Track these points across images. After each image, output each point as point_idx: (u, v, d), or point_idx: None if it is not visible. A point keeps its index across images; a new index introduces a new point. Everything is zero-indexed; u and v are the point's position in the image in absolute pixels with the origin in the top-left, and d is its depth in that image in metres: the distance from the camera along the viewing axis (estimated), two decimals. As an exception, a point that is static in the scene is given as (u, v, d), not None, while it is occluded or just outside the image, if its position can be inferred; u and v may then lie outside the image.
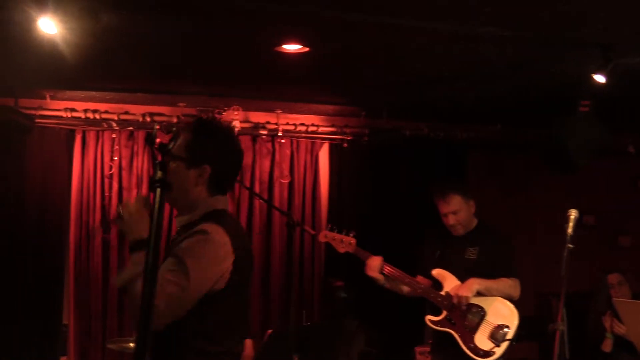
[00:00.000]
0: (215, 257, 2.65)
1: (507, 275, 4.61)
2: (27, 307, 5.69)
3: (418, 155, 6.46)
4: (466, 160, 6.73)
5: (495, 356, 4.43)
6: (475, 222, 4.78)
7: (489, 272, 4.59)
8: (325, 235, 4.92)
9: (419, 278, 4.79)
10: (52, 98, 5.87)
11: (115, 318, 5.90)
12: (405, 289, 4.77)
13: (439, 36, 4.40)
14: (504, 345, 4.44)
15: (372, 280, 4.68)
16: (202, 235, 2.64)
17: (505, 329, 4.48)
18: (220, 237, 2.66)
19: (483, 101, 5.90)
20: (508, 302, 4.57)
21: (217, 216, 2.74)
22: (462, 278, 4.57)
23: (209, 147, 2.76)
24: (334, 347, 5.12)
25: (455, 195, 4.68)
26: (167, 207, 2.85)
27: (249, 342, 5.31)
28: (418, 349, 5.83)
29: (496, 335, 4.48)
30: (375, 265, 4.66)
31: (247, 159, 6.23)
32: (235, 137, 2.96)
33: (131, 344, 4.77)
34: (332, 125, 6.33)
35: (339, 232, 4.85)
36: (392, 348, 5.83)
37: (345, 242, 4.82)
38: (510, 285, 4.61)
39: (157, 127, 2.12)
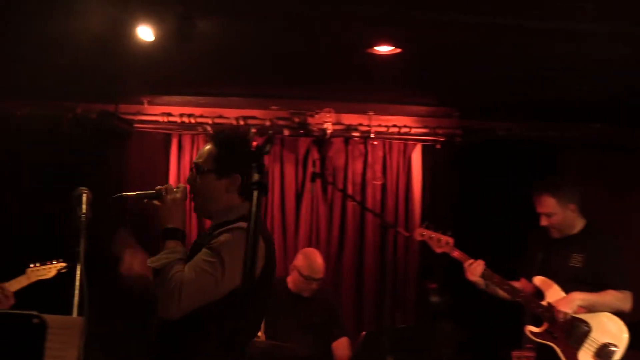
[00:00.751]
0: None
1: (616, 287, 4.38)
2: (130, 305, 5.84)
3: (513, 155, 6.32)
4: (562, 160, 6.55)
5: None
6: (579, 225, 4.58)
7: (595, 282, 4.35)
8: (422, 234, 4.83)
9: (522, 281, 4.66)
10: (150, 103, 6.03)
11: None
12: (504, 294, 4.64)
13: (538, 34, 4.29)
14: None
15: (471, 284, 4.59)
16: (241, 233, 2.68)
17: (613, 348, 4.25)
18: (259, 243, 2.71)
19: (581, 100, 5.73)
20: (617, 318, 4.32)
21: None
22: (566, 288, 4.38)
23: (235, 158, 2.90)
24: (428, 350, 5.07)
25: (548, 197, 4.51)
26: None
27: (344, 341, 5.32)
28: (515, 353, 5.70)
29: (602, 355, 4.25)
30: (477, 269, 4.55)
31: (340, 161, 6.25)
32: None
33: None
34: (425, 127, 6.27)
35: (436, 230, 4.77)
36: (488, 352, 5.72)
37: (443, 242, 4.73)
38: (619, 298, 4.35)
39: (254, 130, 2.15)
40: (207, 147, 3.01)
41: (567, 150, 6.51)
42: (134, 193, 3.00)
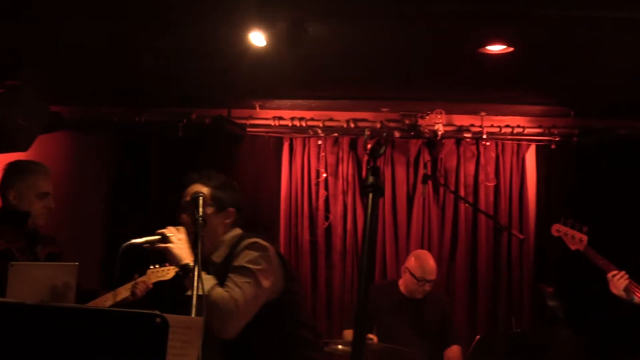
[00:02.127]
0: (275, 266, 3.13)
1: None
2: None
3: (635, 155, 6.06)
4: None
5: None
6: None
7: None
8: (558, 230, 4.75)
9: None
10: (261, 108, 6.13)
11: (325, 320, 6.03)
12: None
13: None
14: None
15: (615, 297, 4.44)
16: (262, 251, 3.11)
17: None
18: (271, 250, 3.17)
19: None
20: None
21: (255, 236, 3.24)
22: None
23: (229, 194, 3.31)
24: (544, 356, 4.94)
25: None
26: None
27: (456, 349, 5.26)
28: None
29: None
30: (620, 283, 4.40)
31: (452, 163, 6.18)
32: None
33: (340, 346, 4.87)
34: (539, 127, 6.12)
35: (572, 227, 4.66)
36: (609, 360, 5.51)
37: (577, 239, 4.62)
38: None
39: (368, 132, 2.14)
40: (193, 187, 3.27)
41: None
42: (142, 240, 3.21)
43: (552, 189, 6.19)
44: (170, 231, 3.12)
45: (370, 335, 4.73)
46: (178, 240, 3.09)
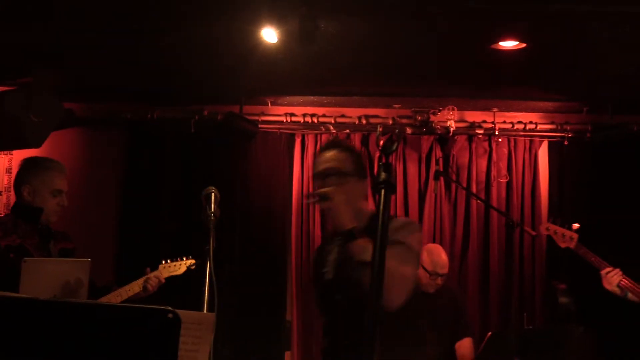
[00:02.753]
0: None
1: None
2: (254, 302, 5.98)
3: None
4: None
5: None
6: None
7: None
8: (547, 228, 4.79)
9: None
10: (273, 104, 6.13)
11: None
12: None
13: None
14: None
15: (610, 293, 4.46)
16: (420, 233, 3.04)
17: None
18: None
19: None
20: None
21: None
22: None
23: (364, 162, 3.28)
24: (557, 354, 4.92)
25: None
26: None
27: (468, 341, 5.25)
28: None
29: None
30: (614, 279, 4.43)
31: (464, 159, 6.16)
32: None
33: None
34: (552, 123, 6.10)
35: (562, 225, 4.69)
36: (620, 358, 5.48)
37: (567, 237, 4.65)
38: None
39: (380, 128, 2.14)
40: (332, 152, 3.11)
41: None
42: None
43: (564, 185, 6.16)
44: (333, 191, 2.93)
45: None
46: (340, 202, 2.89)
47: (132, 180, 6.14)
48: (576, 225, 4.70)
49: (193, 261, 4.48)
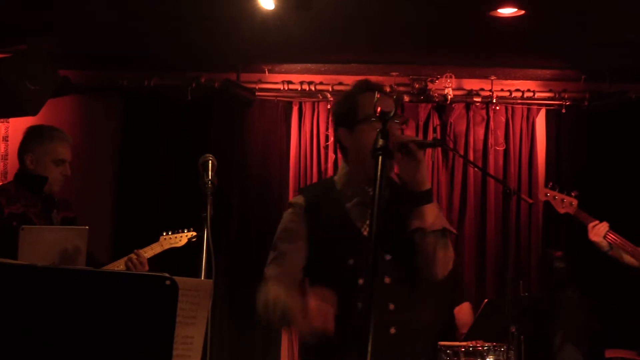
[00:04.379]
0: None
1: None
2: (252, 271, 5.98)
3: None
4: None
5: None
6: None
7: None
8: (546, 194, 4.79)
9: None
10: (271, 72, 6.11)
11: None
12: (630, 259, 4.52)
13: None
14: None
15: (594, 247, 4.49)
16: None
17: None
18: None
19: None
20: None
21: None
22: None
23: None
24: (553, 320, 4.96)
25: None
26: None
27: (466, 306, 5.28)
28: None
29: None
30: (600, 230, 4.46)
31: (461, 127, 6.15)
32: None
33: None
34: (549, 91, 6.08)
35: (560, 191, 4.70)
36: (619, 323, 5.52)
37: (566, 203, 4.66)
38: None
39: (378, 95, 2.13)
40: (390, 100, 2.78)
41: None
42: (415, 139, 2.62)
43: (561, 153, 6.17)
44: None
45: None
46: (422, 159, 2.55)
47: (128, 147, 6.13)
48: (575, 192, 4.71)
49: (194, 233, 4.47)
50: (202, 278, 2.74)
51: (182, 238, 4.45)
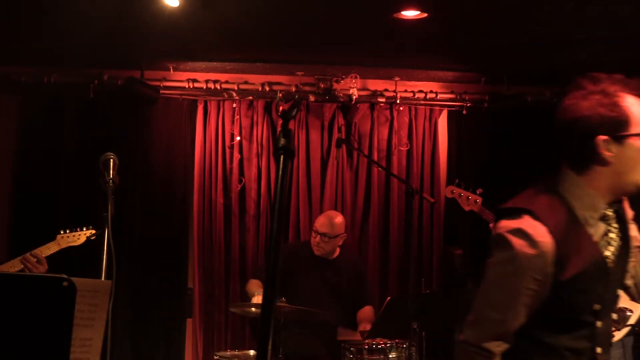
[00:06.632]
0: None
1: None
2: (155, 270, 5.92)
3: (541, 122, 6.21)
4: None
5: (614, 339, 4.19)
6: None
7: None
8: (452, 191, 4.90)
9: None
10: (175, 70, 6.04)
11: (238, 283, 6.05)
12: None
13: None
14: (624, 330, 4.15)
15: None
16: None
17: (628, 313, 4.24)
18: None
19: (615, 65, 5.61)
20: None
21: None
22: None
23: None
24: (453, 315, 5.08)
25: None
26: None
27: (369, 310, 5.36)
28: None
29: (617, 319, 4.23)
30: None
31: (366, 127, 6.23)
32: None
33: (253, 309, 4.90)
34: (451, 92, 6.23)
35: (466, 189, 4.81)
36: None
37: (471, 200, 4.78)
38: None
39: (280, 94, 2.14)
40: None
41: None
42: None
43: (463, 153, 6.32)
44: None
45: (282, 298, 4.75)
46: None
47: (27, 146, 5.94)
48: (480, 190, 4.82)
49: (93, 231, 4.39)
50: (103, 278, 2.68)
51: (81, 236, 4.35)
